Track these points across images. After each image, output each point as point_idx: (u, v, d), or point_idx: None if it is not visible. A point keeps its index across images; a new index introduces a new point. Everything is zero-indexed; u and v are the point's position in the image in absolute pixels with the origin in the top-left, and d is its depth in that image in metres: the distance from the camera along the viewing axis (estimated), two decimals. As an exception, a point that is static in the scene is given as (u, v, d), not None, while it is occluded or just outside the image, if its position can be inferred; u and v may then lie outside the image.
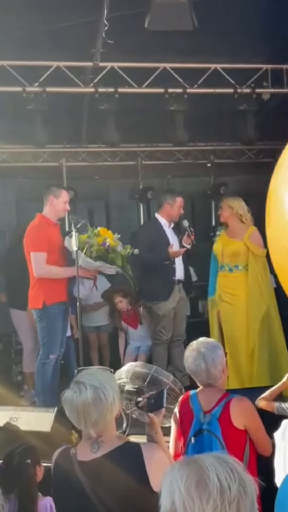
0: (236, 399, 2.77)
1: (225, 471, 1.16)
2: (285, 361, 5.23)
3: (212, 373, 2.79)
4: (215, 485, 1.13)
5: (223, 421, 2.72)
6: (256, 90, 6.16)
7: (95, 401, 1.97)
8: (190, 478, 1.16)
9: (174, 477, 1.18)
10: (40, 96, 5.62)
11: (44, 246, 4.80)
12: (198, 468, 1.17)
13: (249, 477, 1.19)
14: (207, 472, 1.16)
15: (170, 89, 5.95)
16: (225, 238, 5.36)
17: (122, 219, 7.99)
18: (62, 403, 2.07)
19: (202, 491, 1.13)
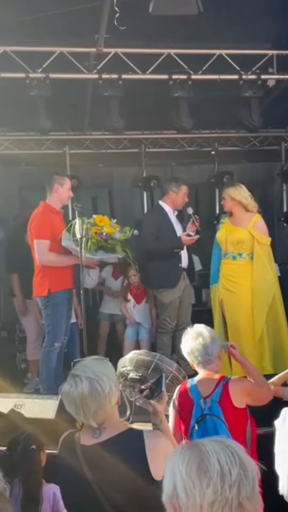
0: (233, 380, 2.85)
1: (226, 455, 1.17)
2: (288, 349, 5.23)
3: (209, 349, 2.89)
4: (216, 469, 1.14)
5: (223, 403, 2.78)
6: (261, 76, 6.09)
7: (92, 393, 1.98)
8: (191, 462, 1.17)
9: (176, 461, 1.19)
10: (43, 82, 5.57)
11: (47, 234, 4.80)
12: (198, 452, 1.18)
13: (250, 461, 1.19)
14: (208, 456, 1.17)
15: (175, 75, 5.89)
16: (229, 225, 5.32)
17: (125, 207, 7.97)
18: (61, 397, 2.10)
19: (203, 475, 1.15)
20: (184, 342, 2.97)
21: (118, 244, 4.62)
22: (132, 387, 3.85)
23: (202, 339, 2.89)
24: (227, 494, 1.13)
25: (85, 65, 5.81)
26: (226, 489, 1.13)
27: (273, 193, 8.49)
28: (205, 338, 2.89)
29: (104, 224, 4.61)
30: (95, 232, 4.55)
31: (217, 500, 1.13)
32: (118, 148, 7.68)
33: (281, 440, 2.67)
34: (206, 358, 2.91)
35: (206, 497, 1.13)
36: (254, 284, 5.10)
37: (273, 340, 5.18)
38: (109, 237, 4.59)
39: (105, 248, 4.62)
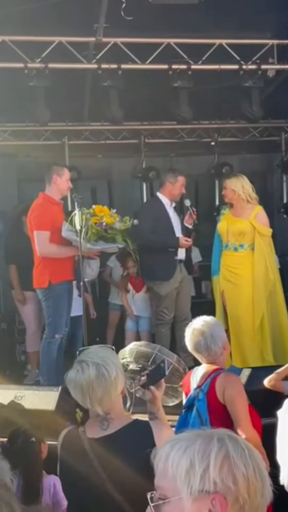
0: (223, 374, 2.80)
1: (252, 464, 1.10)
2: (289, 340, 5.23)
3: (212, 349, 2.83)
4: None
5: (209, 396, 2.76)
6: (261, 67, 6.04)
7: (98, 377, 1.99)
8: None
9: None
10: (42, 72, 5.53)
11: (48, 225, 4.78)
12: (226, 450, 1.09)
13: (268, 481, 1.12)
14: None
15: (174, 65, 5.85)
16: (230, 217, 5.30)
17: (125, 198, 7.94)
18: (67, 384, 2.08)
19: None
20: (187, 339, 2.95)
21: (118, 234, 4.60)
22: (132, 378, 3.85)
23: (204, 339, 2.83)
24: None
25: (84, 55, 5.76)
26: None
27: (273, 184, 8.47)
28: (206, 338, 2.84)
29: (104, 214, 4.59)
30: (94, 223, 4.53)
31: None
32: (118, 139, 7.65)
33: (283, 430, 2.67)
34: (210, 358, 2.90)
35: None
36: (255, 275, 5.09)
37: (274, 331, 5.18)
38: (109, 227, 4.57)
39: (105, 238, 4.60)
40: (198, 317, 2.96)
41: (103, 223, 4.53)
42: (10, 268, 5.92)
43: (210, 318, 3.04)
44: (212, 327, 2.87)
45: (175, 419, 3.25)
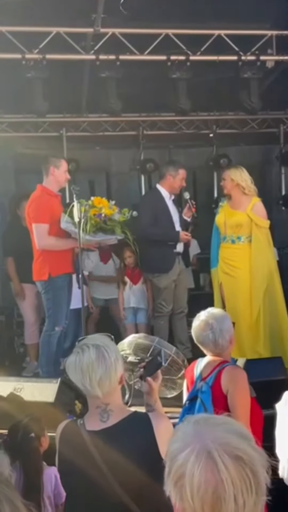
0: (230, 367, 2.80)
1: (243, 484, 1.06)
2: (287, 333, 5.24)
3: (219, 343, 2.81)
4: (230, 507, 1.06)
5: (214, 389, 2.75)
6: (260, 58, 5.99)
7: (99, 358, 2.01)
8: (204, 487, 1.05)
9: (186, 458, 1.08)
10: (40, 63, 5.49)
11: (46, 218, 4.76)
12: (214, 478, 1.06)
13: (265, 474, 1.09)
14: (223, 489, 1.05)
15: (173, 56, 5.81)
16: (228, 209, 5.29)
17: (123, 190, 7.92)
18: (66, 368, 2.10)
19: (216, 509, 1.05)
20: (194, 330, 2.93)
21: (117, 225, 4.59)
22: (131, 370, 3.86)
23: (212, 333, 2.80)
24: None
25: (82, 45, 5.71)
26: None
27: (271, 176, 8.46)
28: (215, 332, 2.80)
29: (102, 206, 4.57)
30: (93, 214, 4.51)
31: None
32: (116, 131, 7.61)
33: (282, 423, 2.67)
34: (216, 351, 2.89)
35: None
36: (253, 267, 5.09)
37: (271, 324, 5.19)
38: (108, 218, 4.55)
39: (104, 229, 4.58)
40: (207, 309, 2.92)
41: (102, 215, 4.51)
42: (7, 260, 5.92)
43: (219, 310, 3.02)
44: (221, 320, 2.84)
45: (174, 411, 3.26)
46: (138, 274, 5.95)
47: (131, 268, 5.96)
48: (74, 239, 4.60)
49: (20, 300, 5.96)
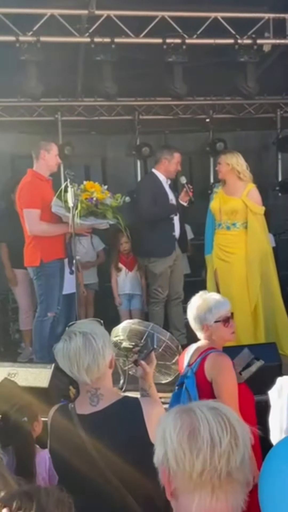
0: (213, 353, 2.80)
1: (217, 424, 1.18)
2: (282, 319, 5.25)
3: (205, 324, 2.84)
4: (206, 440, 1.17)
5: (198, 375, 2.77)
6: (257, 41, 5.93)
7: (86, 345, 2.02)
8: (182, 429, 1.19)
9: (168, 426, 1.21)
10: (34, 46, 5.41)
11: (38, 203, 4.71)
12: (191, 420, 1.20)
13: (243, 428, 1.21)
14: (199, 425, 1.18)
15: (169, 39, 5.73)
16: (223, 195, 5.26)
17: (119, 175, 7.86)
18: (55, 355, 2.11)
19: (193, 444, 1.16)
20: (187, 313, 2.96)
21: (109, 209, 4.55)
22: (126, 356, 3.87)
23: (197, 308, 2.86)
24: (216, 464, 1.15)
25: (77, 28, 5.64)
26: (216, 459, 1.15)
27: (268, 162, 8.41)
28: (199, 308, 2.86)
29: (94, 190, 4.53)
30: (85, 198, 4.47)
31: (206, 470, 1.15)
32: (111, 115, 7.54)
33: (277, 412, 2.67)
34: (205, 335, 2.91)
35: (195, 466, 1.16)
36: (248, 253, 5.08)
37: (267, 309, 5.19)
38: (99, 202, 4.51)
39: (95, 213, 4.55)
40: (202, 292, 2.97)
41: (94, 198, 4.47)
42: (0, 246, 5.89)
43: (212, 294, 3.03)
44: (210, 303, 2.86)
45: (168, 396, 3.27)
46: (133, 260, 5.94)
47: (125, 255, 5.95)
48: (66, 224, 4.56)
49: (13, 286, 5.94)
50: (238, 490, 1.18)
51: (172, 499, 1.22)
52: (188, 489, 1.17)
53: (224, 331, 2.88)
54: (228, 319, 2.89)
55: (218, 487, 1.16)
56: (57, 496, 1.27)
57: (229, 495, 1.17)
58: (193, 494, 1.17)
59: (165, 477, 1.21)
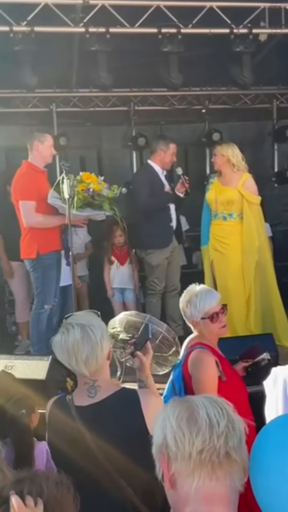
0: (196, 350, 2.81)
1: (214, 409, 1.24)
2: (279, 310, 5.26)
3: (193, 319, 2.87)
4: (204, 420, 1.21)
5: (184, 369, 2.81)
6: (252, 31, 5.89)
7: (84, 338, 2.01)
8: (181, 414, 1.24)
9: (166, 414, 1.26)
10: (28, 36, 5.36)
11: (33, 195, 4.69)
12: (188, 406, 1.25)
13: (237, 417, 1.26)
14: (197, 409, 1.24)
15: (164, 29, 5.69)
16: (219, 186, 5.26)
17: (114, 167, 7.82)
18: (53, 347, 2.11)
19: (192, 425, 1.21)
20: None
21: (105, 201, 4.53)
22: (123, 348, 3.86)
23: (183, 304, 2.90)
24: (215, 443, 1.19)
25: (71, 17, 5.58)
26: (214, 438, 1.19)
27: (264, 152, 8.38)
28: (183, 301, 2.90)
29: (91, 181, 4.51)
30: (81, 189, 4.45)
31: (205, 449, 1.19)
32: (107, 106, 7.50)
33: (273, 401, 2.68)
34: (195, 328, 2.92)
35: (195, 445, 1.19)
36: (244, 244, 5.08)
37: (263, 300, 5.20)
38: (96, 193, 4.49)
39: (92, 205, 4.53)
40: (192, 286, 2.97)
41: (90, 189, 4.45)
42: None
43: (201, 287, 3.02)
44: (195, 299, 2.86)
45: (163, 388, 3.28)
46: (126, 254, 5.91)
47: (119, 248, 5.92)
48: (62, 215, 4.54)
49: (10, 279, 5.93)
50: (237, 471, 1.21)
51: (170, 488, 1.23)
52: (187, 471, 1.19)
53: (212, 327, 2.87)
54: (217, 315, 2.87)
55: (218, 466, 1.19)
56: (55, 478, 1.31)
57: (228, 476, 1.20)
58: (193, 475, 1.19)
59: (164, 463, 1.23)
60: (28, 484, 1.25)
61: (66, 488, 1.30)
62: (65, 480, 1.32)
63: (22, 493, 1.23)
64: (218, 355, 2.89)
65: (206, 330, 2.87)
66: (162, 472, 1.24)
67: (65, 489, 1.30)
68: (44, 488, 1.26)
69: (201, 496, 1.19)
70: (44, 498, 1.24)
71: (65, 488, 1.30)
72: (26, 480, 1.27)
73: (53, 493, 1.27)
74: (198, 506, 1.19)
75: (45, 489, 1.26)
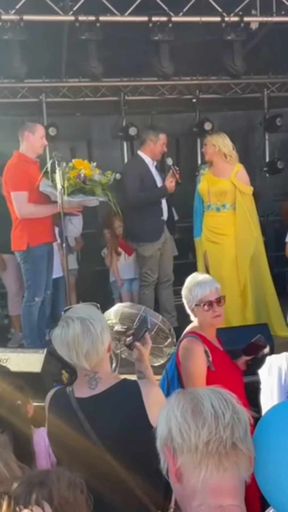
0: (186, 339, 2.85)
1: (219, 400, 1.22)
2: (272, 300, 5.26)
3: (188, 308, 2.90)
4: (210, 412, 1.19)
5: (177, 357, 2.86)
6: (244, 19, 5.85)
7: (84, 332, 1.99)
8: (185, 406, 1.22)
9: (171, 406, 1.24)
10: (17, 24, 5.28)
11: (25, 185, 4.64)
12: (192, 398, 1.24)
13: (241, 407, 1.25)
14: (202, 401, 1.22)
15: (154, 17, 5.63)
16: (210, 176, 5.23)
17: (105, 157, 7.75)
18: (52, 341, 2.09)
19: (198, 416, 1.20)
20: None
21: (98, 186, 4.48)
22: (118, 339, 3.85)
23: (184, 289, 2.93)
24: (222, 434, 1.17)
25: (61, 6, 5.50)
26: (221, 429, 1.18)
27: (255, 142, 8.37)
28: (185, 288, 2.93)
29: (83, 167, 4.47)
30: (73, 176, 4.40)
31: (212, 440, 1.17)
32: (96, 96, 7.43)
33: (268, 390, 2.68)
34: (187, 307, 2.94)
35: (201, 437, 1.18)
36: (238, 235, 5.07)
37: (257, 291, 5.20)
38: (87, 178, 4.44)
39: (83, 190, 4.48)
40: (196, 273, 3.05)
41: (82, 175, 4.40)
42: None
43: (203, 276, 3.04)
44: (192, 285, 2.89)
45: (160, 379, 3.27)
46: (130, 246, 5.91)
47: (122, 239, 5.92)
48: (55, 204, 4.49)
49: (1, 271, 5.88)
50: (244, 461, 1.20)
51: (176, 482, 1.21)
52: (194, 463, 1.18)
53: (205, 315, 2.87)
54: (210, 303, 2.86)
55: (225, 457, 1.17)
56: (68, 479, 1.25)
57: (235, 466, 1.18)
58: (200, 467, 1.17)
59: (169, 456, 1.21)
60: (38, 488, 1.20)
61: (79, 490, 1.25)
62: (78, 480, 1.27)
63: (30, 499, 1.18)
64: (210, 345, 2.89)
65: (200, 318, 2.88)
66: (167, 466, 1.23)
67: (78, 490, 1.25)
68: (55, 492, 1.20)
69: (208, 488, 1.17)
70: (55, 502, 1.19)
71: (78, 489, 1.25)
72: (36, 484, 1.21)
73: (65, 496, 1.21)
74: (206, 499, 1.17)
75: (57, 492, 1.21)
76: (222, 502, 1.17)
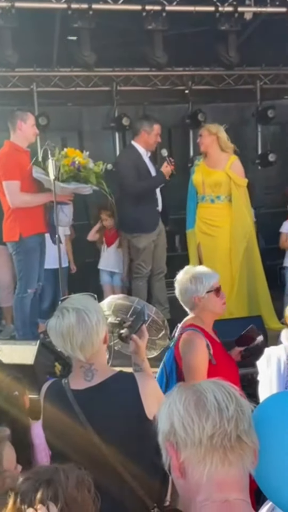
0: (187, 332, 2.81)
1: (222, 393, 1.20)
2: (264, 293, 5.27)
3: (184, 300, 2.87)
4: (213, 405, 1.17)
5: (176, 350, 2.83)
6: (238, 9, 5.81)
7: (79, 323, 1.97)
8: (188, 399, 1.19)
9: (173, 400, 1.21)
10: (8, 12, 5.19)
11: (17, 174, 4.59)
12: (195, 391, 1.21)
13: (245, 400, 1.23)
14: (204, 393, 1.20)
15: (148, 6, 5.57)
16: (205, 168, 5.20)
17: (97, 148, 7.69)
18: (47, 331, 2.07)
19: (201, 410, 1.17)
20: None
21: (92, 174, 4.45)
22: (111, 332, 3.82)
23: (187, 281, 2.86)
24: (226, 427, 1.15)
25: (53, -7, 5.43)
26: (225, 422, 1.16)
27: (247, 134, 8.34)
28: (190, 280, 2.86)
29: (76, 155, 4.43)
30: (67, 163, 4.37)
31: (216, 433, 1.15)
32: (88, 86, 7.34)
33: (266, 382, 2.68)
34: (186, 299, 2.91)
35: (205, 430, 1.15)
36: (233, 227, 5.06)
37: (249, 283, 5.21)
38: (81, 166, 4.41)
39: (77, 177, 4.45)
40: (189, 266, 2.99)
41: (76, 162, 4.37)
42: None
43: (200, 267, 3.02)
44: (200, 274, 2.86)
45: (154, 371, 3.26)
46: (114, 236, 5.87)
47: (108, 230, 5.88)
48: (48, 192, 4.45)
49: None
50: (248, 454, 1.18)
51: (180, 478, 1.19)
52: (198, 457, 1.16)
53: (216, 301, 2.88)
54: (219, 290, 2.88)
55: (230, 450, 1.15)
56: (76, 477, 1.22)
57: (240, 460, 1.17)
58: (204, 461, 1.15)
59: (172, 451, 1.19)
60: (45, 486, 1.17)
61: (86, 488, 1.23)
62: (86, 478, 1.24)
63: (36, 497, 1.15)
64: (210, 338, 2.88)
65: (209, 306, 2.84)
66: (170, 462, 1.20)
67: (85, 489, 1.22)
68: (63, 491, 1.18)
69: (214, 482, 1.15)
70: (62, 501, 1.16)
71: (86, 488, 1.22)
72: (43, 481, 1.18)
73: (72, 495, 1.18)
74: (211, 494, 1.15)
75: (64, 491, 1.18)
76: (228, 496, 1.15)
